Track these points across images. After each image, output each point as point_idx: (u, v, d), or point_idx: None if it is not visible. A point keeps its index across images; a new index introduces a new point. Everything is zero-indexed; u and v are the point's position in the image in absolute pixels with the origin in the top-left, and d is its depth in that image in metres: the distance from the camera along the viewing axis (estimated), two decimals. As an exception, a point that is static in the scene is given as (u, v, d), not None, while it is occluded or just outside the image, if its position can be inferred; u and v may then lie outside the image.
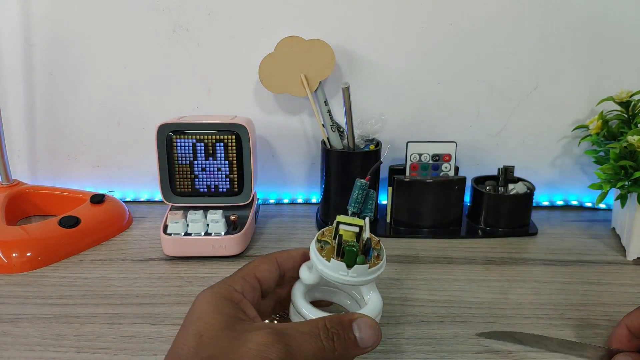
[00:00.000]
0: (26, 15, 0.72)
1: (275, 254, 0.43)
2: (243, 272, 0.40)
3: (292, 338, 0.33)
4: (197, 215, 0.64)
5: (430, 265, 0.61)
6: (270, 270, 0.41)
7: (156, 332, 0.49)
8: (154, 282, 0.58)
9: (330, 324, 0.35)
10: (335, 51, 0.70)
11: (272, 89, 0.71)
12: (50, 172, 0.80)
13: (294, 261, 0.42)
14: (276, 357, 0.31)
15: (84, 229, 0.65)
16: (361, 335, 0.36)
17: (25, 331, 0.49)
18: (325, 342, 0.34)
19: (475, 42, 0.72)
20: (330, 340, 0.34)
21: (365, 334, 0.36)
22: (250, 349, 0.32)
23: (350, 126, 0.67)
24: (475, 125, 0.76)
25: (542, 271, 0.60)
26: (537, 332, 0.49)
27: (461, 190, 0.69)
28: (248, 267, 0.41)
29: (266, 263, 0.41)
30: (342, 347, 0.35)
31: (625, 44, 0.72)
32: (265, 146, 0.78)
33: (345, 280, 0.38)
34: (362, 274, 0.38)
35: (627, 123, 0.68)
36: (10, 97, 0.76)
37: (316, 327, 0.35)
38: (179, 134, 0.64)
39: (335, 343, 0.34)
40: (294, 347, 0.33)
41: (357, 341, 0.35)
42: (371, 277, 0.39)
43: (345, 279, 0.38)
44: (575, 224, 0.74)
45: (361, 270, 0.38)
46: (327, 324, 0.35)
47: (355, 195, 0.41)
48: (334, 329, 0.35)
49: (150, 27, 0.72)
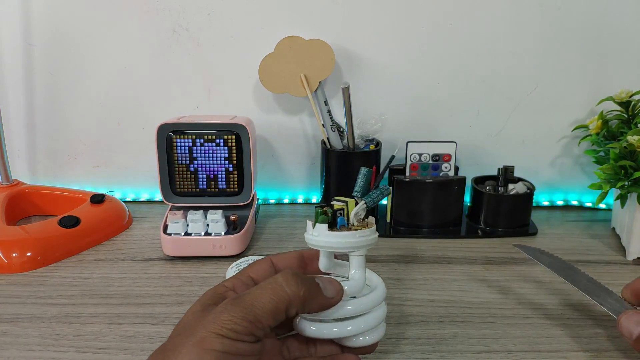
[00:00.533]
0: (26, 15, 0.72)
1: (270, 256, 0.43)
2: (238, 273, 0.41)
3: (248, 294, 0.35)
4: (197, 215, 0.64)
5: (430, 265, 0.61)
6: (264, 267, 0.42)
7: (156, 332, 0.49)
8: (154, 282, 0.58)
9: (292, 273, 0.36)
10: (335, 51, 0.70)
11: (272, 89, 0.71)
12: (50, 172, 0.80)
13: (288, 260, 0.43)
14: (230, 315, 0.33)
15: (84, 229, 0.65)
16: (323, 285, 0.37)
17: (25, 331, 0.49)
18: (286, 287, 0.35)
19: (475, 42, 0.72)
20: (293, 284, 0.35)
21: (326, 285, 0.37)
22: (209, 318, 0.33)
23: (350, 126, 0.67)
24: (475, 125, 0.76)
25: (542, 271, 0.60)
26: (536, 332, 0.49)
27: (461, 190, 0.69)
28: (246, 271, 0.42)
29: (260, 263, 0.42)
30: (306, 288, 0.36)
31: (625, 44, 0.72)
32: (265, 146, 0.78)
33: (308, 238, 0.41)
34: (323, 234, 0.40)
35: (627, 123, 0.68)
36: (10, 97, 0.76)
37: (276, 277, 0.36)
38: (179, 134, 0.64)
39: (299, 285, 0.35)
40: (250, 301, 0.34)
41: (320, 288, 0.37)
42: (333, 240, 0.40)
43: (309, 237, 0.41)
44: (575, 224, 0.74)
45: (322, 230, 0.40)
46: (288, 272, 0.36)
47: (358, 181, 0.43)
48: (295, 275, 0.36)
49: (150, 27, 0.72)
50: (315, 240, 0.40)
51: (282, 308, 0.35)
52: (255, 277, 0.41)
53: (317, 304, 0.37)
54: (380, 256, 0.64)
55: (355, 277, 0.41)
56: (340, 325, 0.39)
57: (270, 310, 0.34)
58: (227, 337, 0.32)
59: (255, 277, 0.41)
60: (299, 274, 0.36)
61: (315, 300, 0.37)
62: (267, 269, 0.42)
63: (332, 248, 0.40)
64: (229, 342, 0.32)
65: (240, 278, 0.40)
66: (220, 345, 0.32)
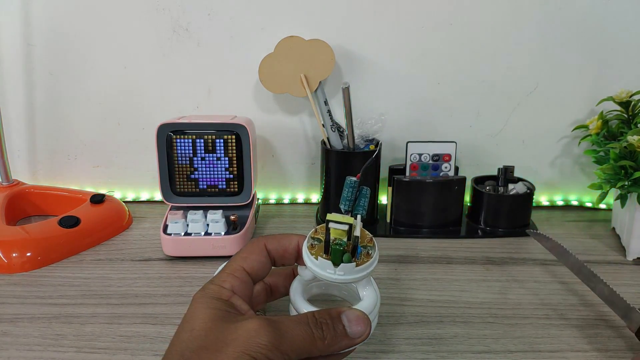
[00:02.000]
0: (26, 15, 0.72)
1: (265, 239, 0.42)
2: (231, 267, 0.40)
3: (281, 324, 0.34)
4: (197, 215, 0.64)
5: (430, 265, 0.61)
6: (260, 260, 0.41)
7: (156, 332, 0.49)
8: (154, 282, 0.58)
9: (319, 315, 0.36)
10: (335, 51, 0.70)
11: (272, 89, 0.71)
12: (50, 172, 0.80)
13: (284, 250, 0.42)
14: (266, 340, 0.32)
15: (84, 229, 0.65)
16: (350, 326, 0.37)
17: (25, 331, 0.49)
18: (314, 330, 0.35)
19: (475, 42, 0.72)
20: (319, 329, 0.35)
21: (353, 325, 0.37)
22: (240, 335, 0.33)
23: (350, 126, 0.67)
24: (475, 125, 0.76)
25: (542, 271, 0.60)
26: (536, 332, 0.49)
27: (461, 190, 0.69)
28: (236, 261, 0.40)
29: (255, 253, 0.41)
30: (331, 336, 0.36)
31: (625, 44, 0.72)
32: (265, 146, 0.78)
33: (333, 278, 0.38)
34: (350, 272, 0.38)
35: (627, 123, 0.68)
36: (10, 97, 0.76)
37: (305, 316, 0.36)
38: (179, 134, 0.64)
39: (324, 331, 0.35)
40: (283, 332, 0.34)
41: (346, 331, 0.36)
42: (359, 275, 0.39)
43: (333, 277, 0.38)
44: (575, 224, 0.74)
45: (348, 269, 0.38)
46: (316, 315, 0.36)
47: (345, 193, 0.41)
48: (322, 319, 0.36)
49: (150, 27, 0.72)
50: (343, 279, 0.39)
51: (309, 350, 0.35)
52: (251, 273, 0.40)
53: (341, 347, 0.37)
54: (380, 256, 0.63)
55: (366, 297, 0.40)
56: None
57: (299, 350, 0.34)
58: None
59: (251, 273, 0.40)
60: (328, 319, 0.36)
61: (340, 345, 0.36)
62: (263, 261, 0.41)
63: (357, 280, 0.39)
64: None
65: (238, 276, 0.39)
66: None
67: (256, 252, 0.41)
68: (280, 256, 0.42)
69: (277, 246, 0.42)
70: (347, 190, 0.41)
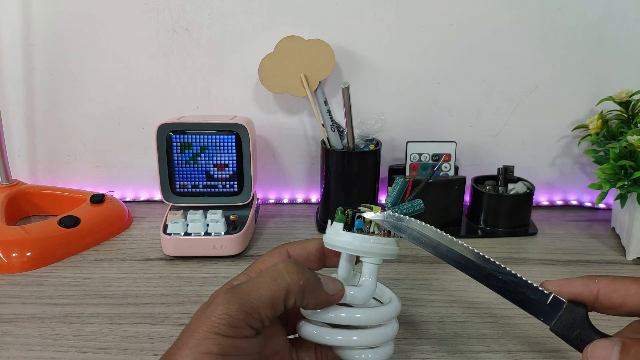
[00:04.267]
0: (26, 15, 0.72)
1: (287, 245, 0.41)
2: (249, 269, 0.39)
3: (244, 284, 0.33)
4: (197, 215, 0.64)
5: (430, 265, 0.61)
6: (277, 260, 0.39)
7: (156, 332, 0.49)
8: (154, 282, 0.58)
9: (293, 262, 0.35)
10: (335, 51, 0.70)
11: (272, 89, 0.71)
12: (50, 172, 0.80)
13: (309, 254, 0.40)
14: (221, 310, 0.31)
15: (84, 228, 0.65)
16: (325, 281, 0.36)
17: (25, 331, 0.49)
18: (287, 276, 0.34)
19: (475, 42, 0.72)
20: (293, 273, 0.34)
21: (327, 281, 0.36)
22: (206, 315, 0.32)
23: (350, 126, 0.67)
24: (475, 125, 0.76)
25: (542, 271, 0.60)
26: (536, 331, 0.49)
27: (461, 190, 0.69)
28: (255, 263, 0.39)
29: (275, 256, 0.40)
30: (307, 281, 0.34)
31: (625, 44, 0.72)
32: (265, 146, 0.78)
33: (324, 237, 0.39)
34: (336, 232, 0.38)
35: (627, 123, 0.68)
36: (10, 97, 0.76)
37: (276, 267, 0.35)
38: (179, 133, 0.64)
39: (300, 276, 0.34)
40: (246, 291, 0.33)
41: (322, 284, 0.36)
42: (342, 239, 0.38)
43: (324, 236, 0.39)
44: (575, 223, 0.74)
45: (336, 229, 0.38)
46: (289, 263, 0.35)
47: (391, 191, 0.42)
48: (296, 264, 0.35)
49: (150, 27, 0.72)
50: (328, 238, 0.38)
51: (281, 296, 0.33)
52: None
53: (316, 298, 0.35)
54: (380, 256, 0.63)
55: (364, 284, 0.39)
56: (345, 333, 0.37)
57: (268, 299, 0.33)
58: (224, 335, 0.31)
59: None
60: (300, 264, 0.35)
61: (314, 293, 0.35)
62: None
63: (343, 248, 0.38)
64: (226, 340, 0.31)
65: (250, 273, 0.38)
66: (217, 347, 0.31)
67: (276, 255, 0.40)
68: (304, 260, 0.40)
69: (300, 251, 0.40)
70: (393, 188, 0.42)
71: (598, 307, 0.35)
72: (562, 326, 0.35)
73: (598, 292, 0.35)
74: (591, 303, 0.35)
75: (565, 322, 0.35)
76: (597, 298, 0.35)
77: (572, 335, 0.34)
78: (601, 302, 0.35)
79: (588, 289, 0.35)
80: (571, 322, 0.35)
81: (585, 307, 0.35)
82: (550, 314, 0.35)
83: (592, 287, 0.35)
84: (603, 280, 0.35)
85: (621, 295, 0.34)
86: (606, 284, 0.35)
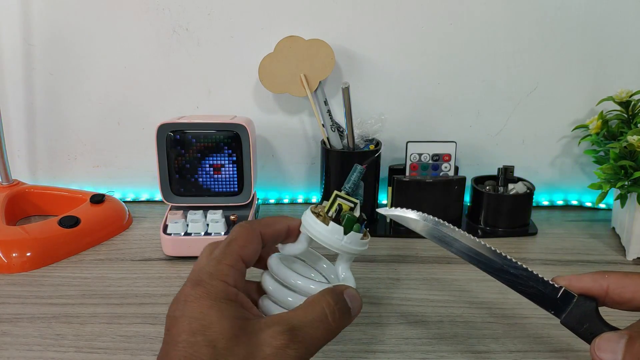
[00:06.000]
0: (26, 15, 0.72)
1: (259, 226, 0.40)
2: (231, 257, 0.38)
3: (303, 331, 0.33)
4: (197, 215, 0.64)
5: (430, 265, 0.61)
6: (257, 249, 0.39)
7: (156, 332, 0.49)
8: (154, 282, 0.58)
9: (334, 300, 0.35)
10: (335, 51, 0.70)
11: (272, 89, 0.71)
12: (50, 172, 0.80)
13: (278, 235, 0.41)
14: (294, 355, 0.32)
15: (84, 228, 0.65)
16: (352, 305, 0.36)
17: (25, 331, 0.49)
18: (333, 323, 0.34)
19: (475, 42, 0.72)
20: (338, 319, 0.35)
21: (354, 304, 0.36)
22: (268, 355, 0.32)
23: (350, 126, 0.67)
24: (475, 125, 0.76)
25: (542, 271, 0.60)
26: (536, 331, 0.49)
27: (461, 190, 0.69)
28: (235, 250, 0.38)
29: (254, 242, 0.39)
30: (343, 321, 0.35)
31: (625, 44, 0.72)
32: (265, 146, 0.78)
33: (339, 245, 0.40)
34: (354, 242, 0.40)
35: (627, 123, 0.68)
36: (10, 97, 0.76)
37: (323, 311, 0.35)
38: (179, 134, 0.64)
39: (339, 321, 0.35)
40: (307, 340, 0.33)
41: (349, 309, 0.36)
42: (360, 248, 0.40)
43: (340, 244, 0.40)
44: (575, 223, 0.74)
45: (354, 238, 0.40)
46: (331, 300, 0.35)
47: (354, 178, 0.44)
48: (338, 305, 0.35)
49: (150, 27, 0.72)
50: (347, 248, 0.40)
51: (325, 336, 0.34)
52: (247, 263, 0.38)
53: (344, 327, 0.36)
54: (380, 256, 0.64)
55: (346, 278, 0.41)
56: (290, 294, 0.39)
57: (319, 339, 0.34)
58: None
59: (247, 263, 0.38)
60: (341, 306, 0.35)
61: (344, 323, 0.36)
62: (258, 250, 0.39)
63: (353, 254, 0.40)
64: None
65: (238, 269, 0.37)
66: None
67: (254, 241, 0.39)
68: (273, 241, 0.41)
69: (272, 232, 0.40)
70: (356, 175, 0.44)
71: (608, 302, 0.36)
72: (572, 320, 0.35)
73: (608, 287, 0.35)
74: (601, 298, 0.35)
75: (576, 316, 0.35)
76: (607, 293, 0.35)
77: (582, 329, 0.35)
78: (611, 298, 0.35)
79: (598, 284, 0.35)
80: (581, 315, 0.35)
81: (596, 301, 0.35)
82: (560, 308, 0.36)
83: (602, 283, 0.35)
84: (613, 275, 0.36)
85: (630, 291, 0.35)
86: (616, 280, 0.35)
